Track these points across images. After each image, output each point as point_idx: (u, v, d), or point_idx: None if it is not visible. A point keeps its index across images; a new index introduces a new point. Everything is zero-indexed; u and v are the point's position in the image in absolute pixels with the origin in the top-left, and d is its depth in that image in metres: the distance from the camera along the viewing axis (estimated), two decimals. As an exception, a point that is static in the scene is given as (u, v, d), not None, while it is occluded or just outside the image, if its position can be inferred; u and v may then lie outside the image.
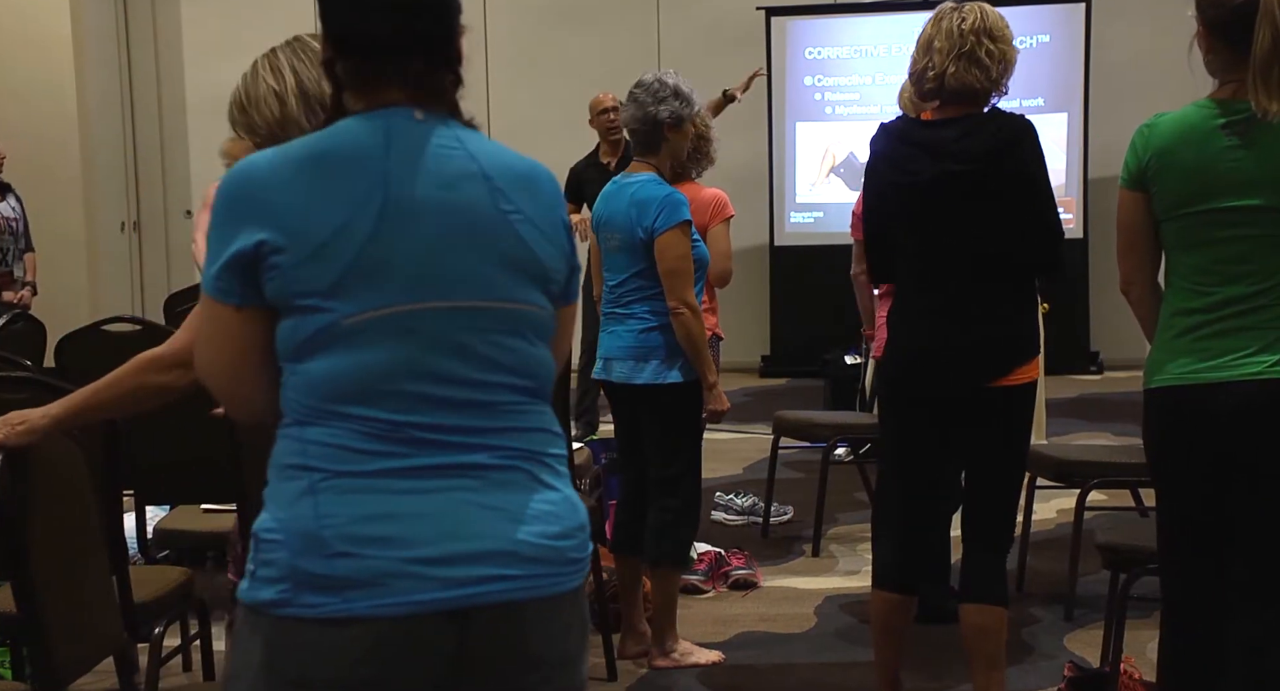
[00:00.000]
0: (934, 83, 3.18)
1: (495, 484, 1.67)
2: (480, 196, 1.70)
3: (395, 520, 1.61)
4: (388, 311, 1.64)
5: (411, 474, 1.63)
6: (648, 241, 3.86)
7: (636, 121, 3.96)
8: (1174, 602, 2.84)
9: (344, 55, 1.73)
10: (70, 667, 2.49)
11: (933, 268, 3.26)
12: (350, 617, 1.59)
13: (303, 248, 1.63)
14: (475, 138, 1.75)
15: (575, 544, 1.72)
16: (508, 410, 1.70)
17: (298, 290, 1.64)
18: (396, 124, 1.70)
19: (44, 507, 2.43)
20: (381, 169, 1.66)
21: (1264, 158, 2.63)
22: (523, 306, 1.73)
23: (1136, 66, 9.52)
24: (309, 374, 1.65)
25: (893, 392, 3.38)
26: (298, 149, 1.68)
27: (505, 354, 1.70)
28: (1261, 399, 2.64)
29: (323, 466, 1.63)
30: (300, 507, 1.63)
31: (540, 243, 1.75)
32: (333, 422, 1.64)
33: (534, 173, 1.79)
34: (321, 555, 1.60)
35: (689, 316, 3.84)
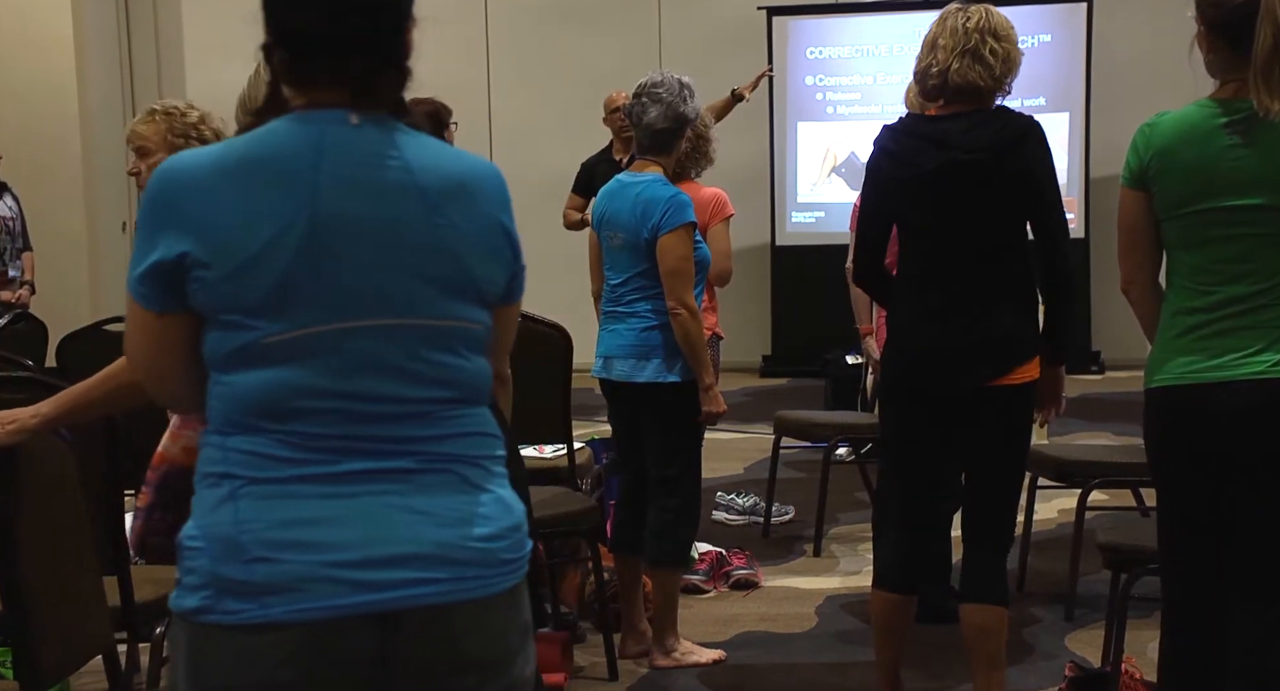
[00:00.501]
0: (937, 80, 3.19)
1: (421, 487, 1.66)
2: (411, 211, 1.66)
3: (315, 525, 1.60)
4: (312, 331, 1.62)
5: (334, 479, 1.62)
6: (652, 241, 3.86)
7: (667, 120, 3.92)
8: (1175, 602, 2.84)
9: (281, 46, 1.68)
10: (57, 668, 2.49)
11: (934, 266, 3.26)
12: (268, 623, 1.58)
13: (226, 264, 1.60)
14: (413, 142, 1.71)
15: (508, 544, 1.70)
16: (438, 418, 1.68)
17: (221, 306, 1.62)
18: (330, 130, 1.66)
19: (32, 507, 2.43)
20: (311, 182, 1.62)
21: (1265, 157, 2.63)
22: (452, 322, 1.70)
23: (1138, 66, 9.52)
24: (232, 386, 1.64)
25: (893, 391, 3.38)
26: (229, 154, 1.65)
27: (434, 369, 1.68)
28: (1262, 398, 2.64)
29: (243, 473, 1.62)
30: (220, 514, 1.62)
31: (472, 256, 1.71)
32: (254, 433, 1.63)
33: (471, 178, 1.74)
34: (240, 561, 1.59)
35: (687, 317, 3.84)
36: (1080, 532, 4.32)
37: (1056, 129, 9.44)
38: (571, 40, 10.17)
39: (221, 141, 1.71)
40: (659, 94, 3.92)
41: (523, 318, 4.41)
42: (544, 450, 4.62)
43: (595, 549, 4.05)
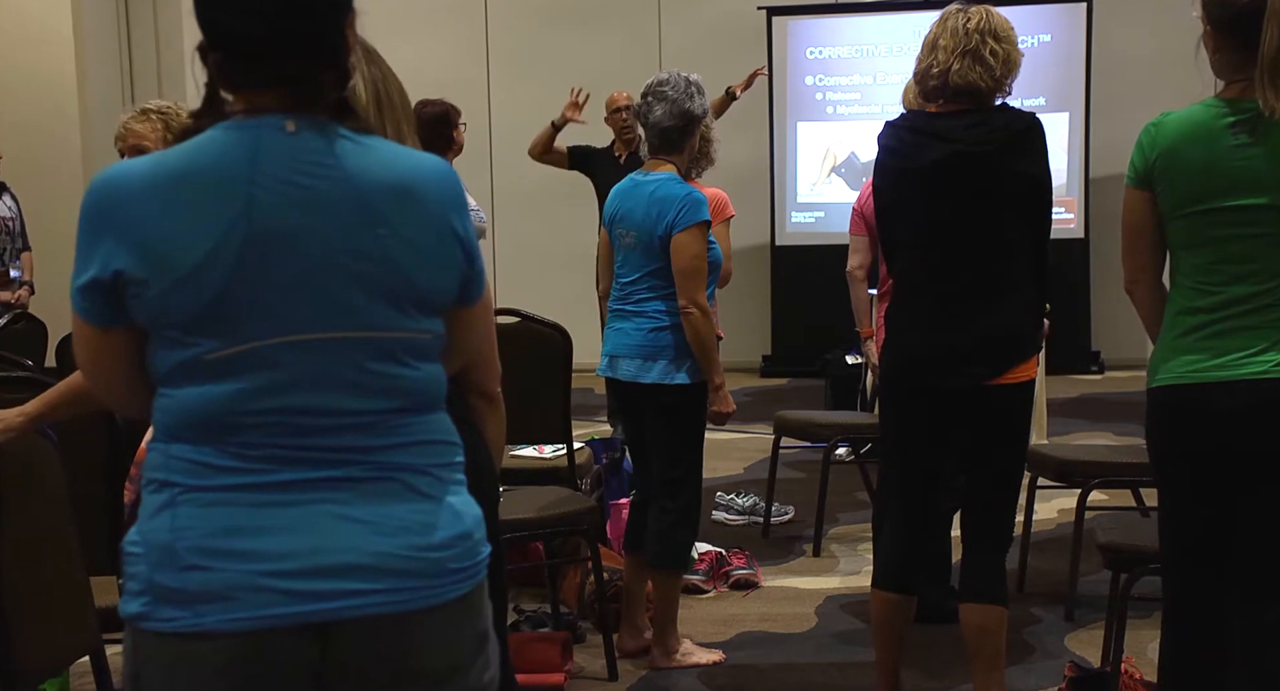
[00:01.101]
0: (938, 80, 3.19)
1: (365, 495, 1.63)
2: (350, 221, 1.62)
3: (251, 533, 1.58)
4: (251, 346, 1.59)
5: (274, 488, 1.60)
6: (665, 239, 3.85)
7: (673, 118, 3.92)
8: (1175, 602, 2.84)
9: (214, 49, 1.63)
10: (38, 669, 2.48)
11: (933, 263, 3.26)
12: (201, 632, 1.57)
13: (162, 280, 1.57)
14: (352, 149, 1.65)
15: (454, 553, 1.67)
16: (385, 427, 1.65)
17: (160, 321, 1.60)
18: (266, 138, 1.61)
19: (14, 508, 2.43)
20: (246, 194, 1.58)
21: (1271, 157, 2.62)
22: (395, 334, 1.66)
23: (1138, 66, 9.52)
24: (175, 398, 1.62)
25: (893, 390, 3.38)
26: (164, 165, 1.61)
27: (379, 381, 1.65)
28: (1264, 398, 2.64)
29: (182, 480, 1.61)
30: (159, 521, 1.61)
31: (418, 264, 1.66)
32: (196, 443, 1.61)
33: (417, 182, 1.68)
34: (175, 568, 1.58)
35: (699, 317, 3.84)
36: (1080, 532, 4.32)
37: (1056, 129, 9.44)
38: (571, 40, 10.17)
39: (154, 152, 1.67)
40: (665, 92, 3.92)
41: (522, 318, 4.44)
42: (544, 450, 4.63)
43: (595, 549, 4.04)
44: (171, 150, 1.64)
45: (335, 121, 1.66)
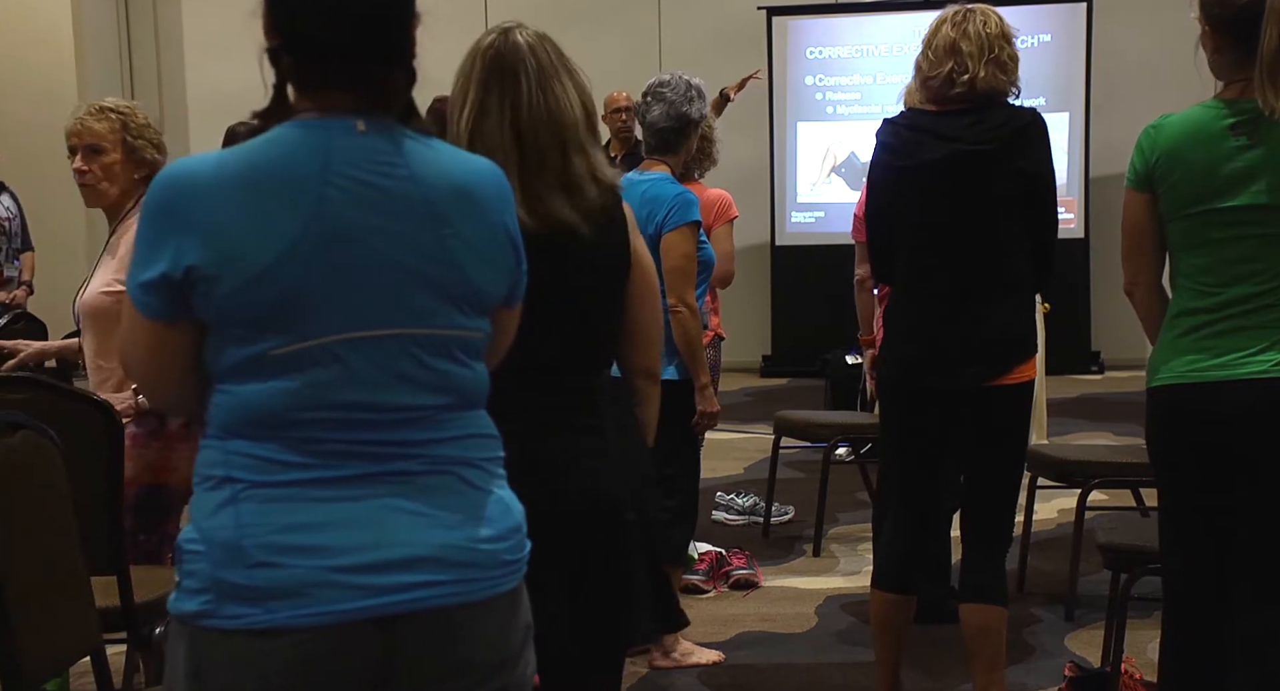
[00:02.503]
0: (965, 87, 3.16)
1: (422, 489, 1.66)
2: (417, 223, 1.66)
3: (317, 529, 1.60)
4: (317, 342, 1.61)
5: (335, 483, 1.62)
6: (656, 238, 3.86)
7: (669, 119, 3.93)
8: (1175, 602, 2.84)
9: (291, 52, 1.66)
10: (40, 669, 2.48)
11: (932, 263, 3.26)
12: (273, 628, 1.58)
13: (235, 277, 1.59)
14: (419, 150, 1.69)
15: (508, 546, 1.71)
16: (437, 422, 1.68)
17: (227, 318, 1.61)
18: (337, 138, 1.64)
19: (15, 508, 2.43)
20: (318, 193, 1.61)
21: (1271, 157, 2.62)
22: (454, 331, 1.70)
23: (1138, 66, 9.52)
24: (235, 395, 1.63)
25: (892, 390, 3.38)
26: (236, 161, 1.63)
27: (436, 377, 1.68)
28: (1264, 397, 2.64)
29: (244, 477, 1.62)
30: (221, 518, 1.61)
31: (477, 266, 1.71)
32: (256, 439, 1.62)
33: (475, 184, 1.73)
34: (243, 566, 1.59)
35: (687, 315, 3.84)
36: (1080, 532, 4.32)
37: (1056, 129, 9.37)
38: (571, 40, 10.04)
39: (217, 151, 1.69)
40: (664, 93, 3.93)
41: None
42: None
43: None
44: (242, 147, 1.65)
45: (402, 124, 1.69)
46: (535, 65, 2.29)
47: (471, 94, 2.30)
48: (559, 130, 2.29)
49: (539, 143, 2.27)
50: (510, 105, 2.27)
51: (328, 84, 1.66)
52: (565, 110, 2.29)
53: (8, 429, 2.50)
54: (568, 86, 2.31)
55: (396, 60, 1.68)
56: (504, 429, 2.28)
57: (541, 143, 2.27)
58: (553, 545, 2.24)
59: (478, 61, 2.31)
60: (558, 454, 2.29)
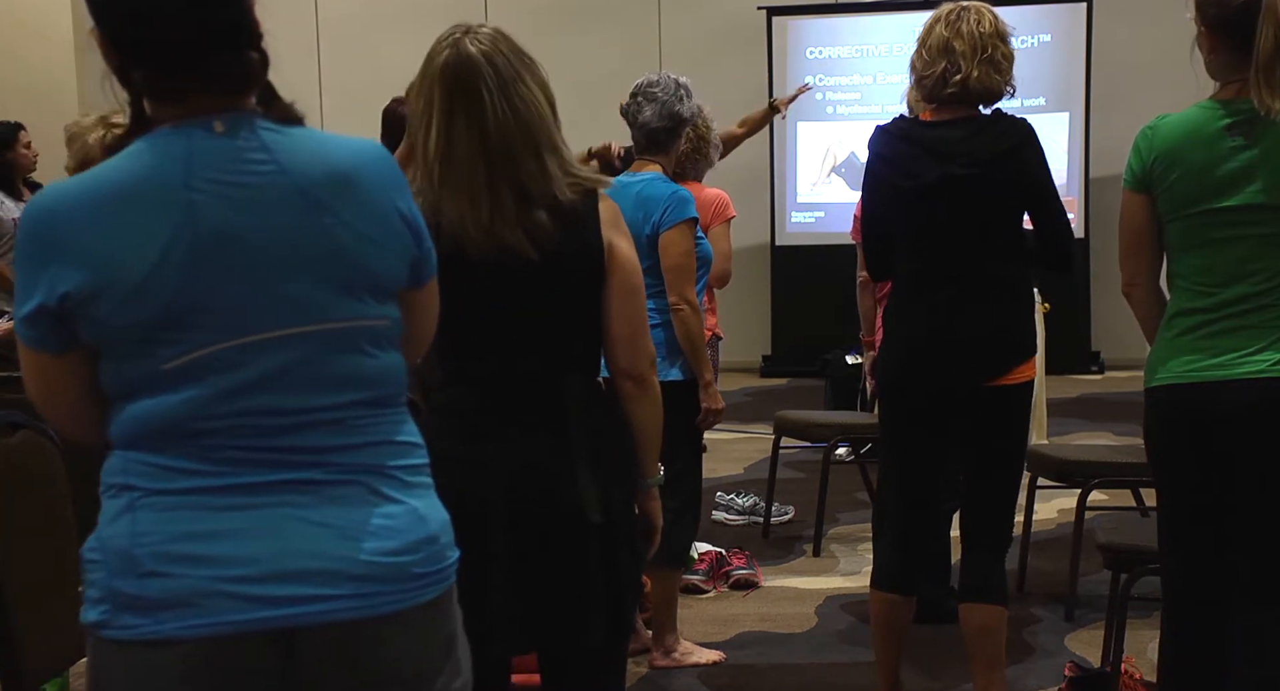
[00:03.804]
0: (958, 87, 3.16)
1: (328, 499, 1.61)
2: (293, 215, 1.60)
3: (212, 538, 1.56)
4: (207, 351, 1.57)
5: (235, 491, 1.58)
6: (653, 238, 3.86)
7: (661, 118, 3.94)
8: (1175, 602, 2.84)
9: (138, 63, 1.60)
10: (40, 669, 2.48)
11: (931, 268, 3.26)
12: (162, 639, 1.54)
13: (112, 296, 1.55)
14: (285, 140, 1.64)
15: (419, 558, 1.64)
16: (349, 425, 1.63)
17: (113, 338, 1.58)
18: (196, 143, 1.59)
19: (16, 508, 2.43)
20: (185, 201, 1.56)
21: (1268, 157, 2.63)
22: (355, 322, 1.64)
23: (1138, 66, 9.52)
24: (131, 411, 1.60)
25: (891, 390, 3.38)
26: (98, 182, 1.58)
27: (341, 372, 1.63)
28: (1262, 398, 2.64)
29: (141, 484, 1.59)
30: (118, 526, 1.59)
31: (368, 250, 1.65)
32: (156, 451, 1.59)
33: (355, 167, 1.66)
34: (135, 574, 1.56)
35: (689, 313, 3.85)
36: (1080, 532, 4.32)
37: (1056, 129, 9.44)
38: (571, 40, 10.17)
39: (86, 170, 1.64)
40: (654, 93, 3.94)
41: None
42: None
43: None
44: (102, 166, 1.61)
45: (265, 108, 1.65)
46: (494, 75, 2.25)
47: (436, 119, 2.26)
48: (529, 133, 2.27)
49: (512, 151, 2.25)
50: (477, 124, 2.25)
51: (183, 87, 1.60)
52: (533, 112, 2.27)
53: (8, 429, 2.50)
54: (531, 87, 2.28)
55: (245, 41, 1.62)
56: (470, 430, 2.28)
57: (514, 150, 2.25)
58: (514, 545, 2.24)
59: (436, 85, 2.27)
60: (521, 456, 2.28)
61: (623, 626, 2.41)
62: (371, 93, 6.18)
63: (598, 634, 2.31)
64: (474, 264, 2.25)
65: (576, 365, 2.35)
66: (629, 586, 2.38)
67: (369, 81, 7.79)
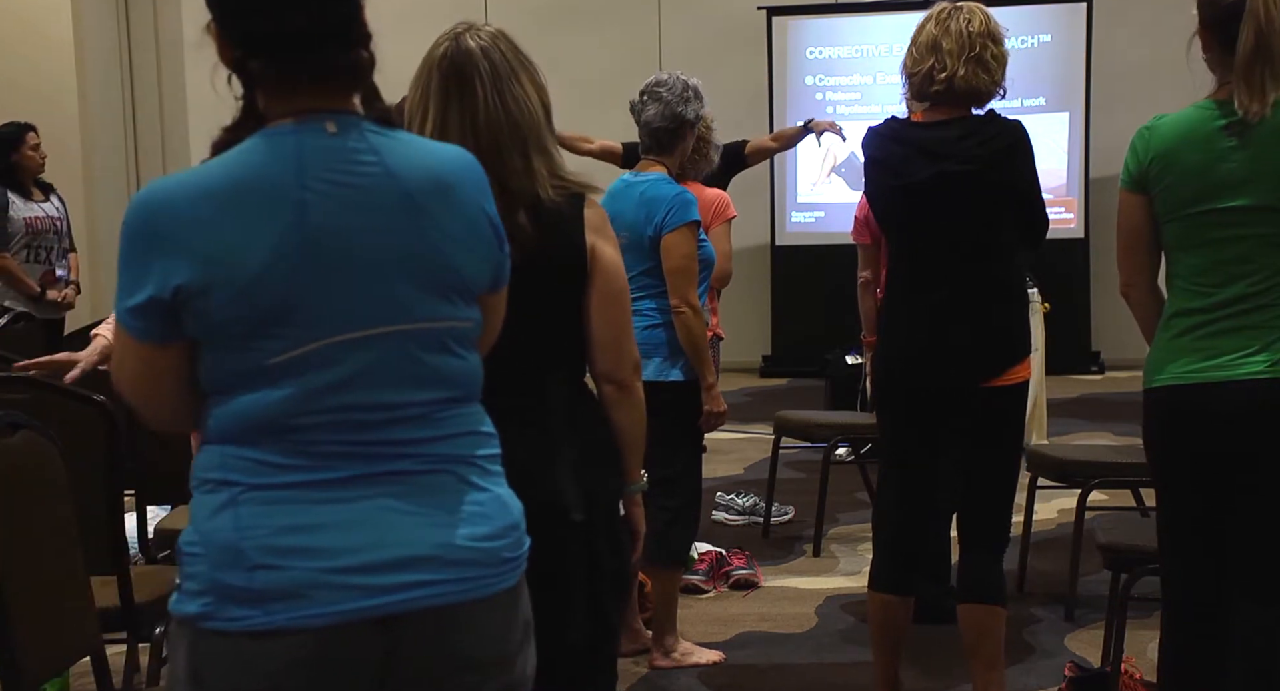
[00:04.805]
0: (943, 85, 3.17)
1: (420, 488, 1.66)
2: (397, 217, 1.66)
3: (316, 530, 1.60)
4: (311, 347, 1.62)
5: (333, 484, 1.62)
6: (656, 239, 3.86)
7: (663, 119, 3.94)
8: (1175, 602, 2.84)
9: (255, 53, 1.65)
10: (39, 670, 2.48)
11: (924, 269, 3.26)
12: (273, 630, 1.58)
13: (224, 291, 1.59)
14: (391, 144, 1.69)
15: (508, 543, 1.71)
16: (434, 419, 1.68)
17: (220, 332, 1.61)
18: (308, 143, 1.64)
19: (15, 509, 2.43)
20: (297, 199, 1.61)
21: (1265, 157, 2.63)
22: (445, 323, 1.70)
23: (1138, 66, 9.52)
24: (232, 405, 1.63)
25: (888, 392, 3.38)
26: (210, 177, 1.62)
27: (430, 371, 1.68)
28: (1261, 398, 2.64)
29: (242, 480, 1.62)
30: (220, 520, 1.61)
31: (461, 255, 1.71)
32: (253, 444, 1.63)
33: (451, 172, 1.73)
34: (242, 568, 1.59)
35: (690, 316, 3.85)
36: (1080, 532, 4.33)
37: (1056, 129, 9.44)
38: (571, 40, 10.17)
39: (190, 168, 1.68)
40: (659, 93, 3.94)
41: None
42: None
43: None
44: (214, 162, 1.65)
45: (367, 108, 1.70)
46: (489, 69, 2.28)
47: (432, 108, 2.30)
48: (519, 132, 2.28)
49: (500, 146, 2.26)
50: (469, 115, 2.27)
51: (297, 80, 1.65)
52: (525, 111, 2.29)
53: (8, 429, 2.50)
54: (525, 86, 2.30)
55: (357, 38, 1.67)
56: None
57: (503, 146, 2.27)
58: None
59: (433, 73, 2.30)
60: (506, 454, 2.28)
61: (607, 626, 2.42)
62: (372, 93, 6.17)
63: (578, 633, 2.31)
64: None
65: (560, 365, 2.36)
66: (611, 586, 2.39)
67: (369, 81, 7.78)
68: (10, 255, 6.60)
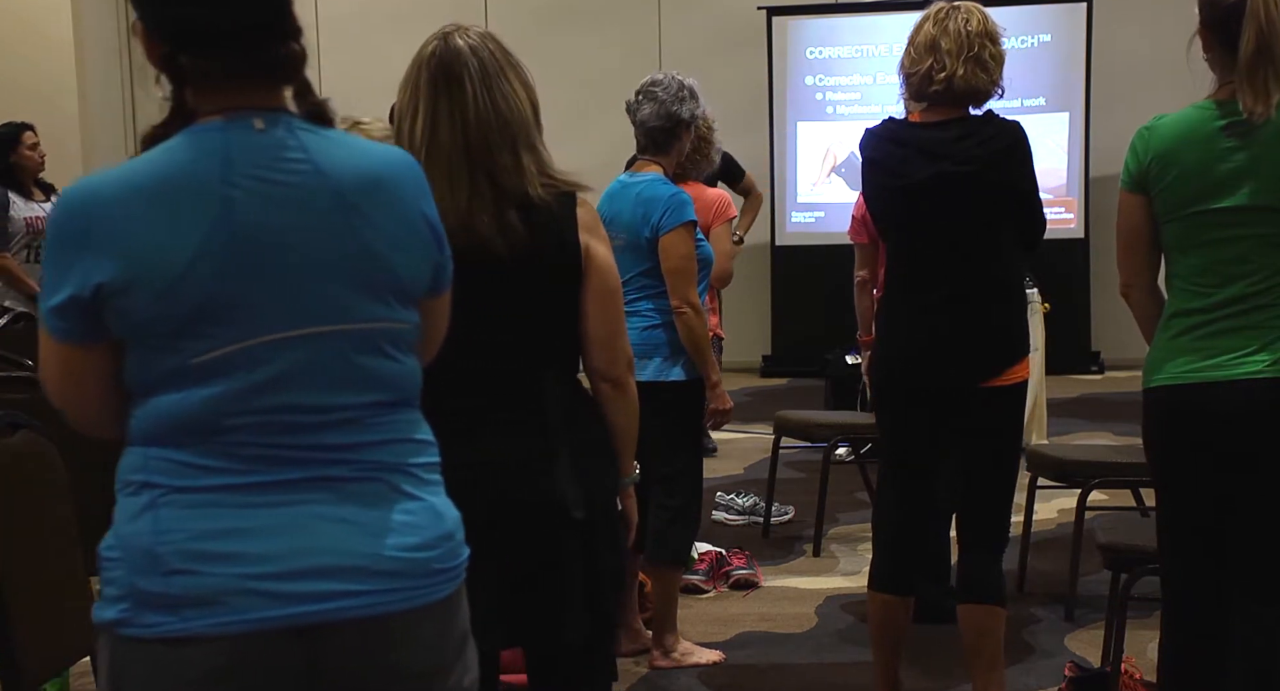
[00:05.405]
0: (942, 85, 3.17)
1: (350, 496, 1.62)
2: (328, 216, 1.62)
3: (237, 536, 1.56)
4: (237, 347, 1.58)
5: (258, 489, 1.58)
6: (653, 240, 3.86)
7: (658, 119, 3.94)
8: (1175, 602, 2.84)
9: (182, 49, 1.61)
10: (39, 669, 2.48)
11: (921, 268, 3.26)
12: (189, 637, 1.55)
13: (145, 291, 1.55)
14: (321, 141, 1.65)
15: (439, 554, 1.66)
16: (367, 423, 1.64)
17: (144, 331, 1.58)
18: (235, 139, 1.60)
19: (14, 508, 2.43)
20: (222, 196, 1.57)
21: (1263, 158, 2.63)
22: (379, 324, 1.66)
23: (1138, 66, 9.52)
24: (155, 407, 1.60)
25: (886, 392, 3.38)
26: (136, 174, 1.59)
27: (363, 373, 1.64)
28: (1260, 398, 2.64)
29: (163, 482, 1.59)
30: (139, 524, 1.58)
31: (397, 256, 1.66)
32: (178, 447, 1.59)
33: (387, 172, 1.68)
34: (159, 573, 1.56)
35: (691, 316, 3.85)
36: (1080, 532, 4.33)
37: (1056, 129, 9.44)
38: (571, 40, 10.17)
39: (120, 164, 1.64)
40: (655, 93, 3.94)
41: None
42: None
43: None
44: (140, 159, 1.61)
45: (300, 103, 1.66)
46: (479, 67, 2.30)
47: (421, 106, 2.31)
48: (508, 129, 2.29)
49: (489, 144, 2.28)
50: (459, 112, 2.28)
51: (227, 73, 1.61)
52: (514, 109, 2.31)
53: (8, 429, 2.50)
54: (514, 84, 2.32)
55: (287, 32, 1.63)
56: (450, 427, 2.29)
57: (492, 143, 2.28)
58: (495, 542, 2.25)
59: (422, 71, 2.32)
60: (504, 453, 2.30)
61: (605, 624, 2.42)
62: (371, 93, 6.17)
63: (577, 631, 2.32)
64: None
65: (556, 363, 2.37)
66: (610, 584, 2.39)
67: (369, 81, 7.78)
68: (10, 255, 6.60)
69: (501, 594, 2.28)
